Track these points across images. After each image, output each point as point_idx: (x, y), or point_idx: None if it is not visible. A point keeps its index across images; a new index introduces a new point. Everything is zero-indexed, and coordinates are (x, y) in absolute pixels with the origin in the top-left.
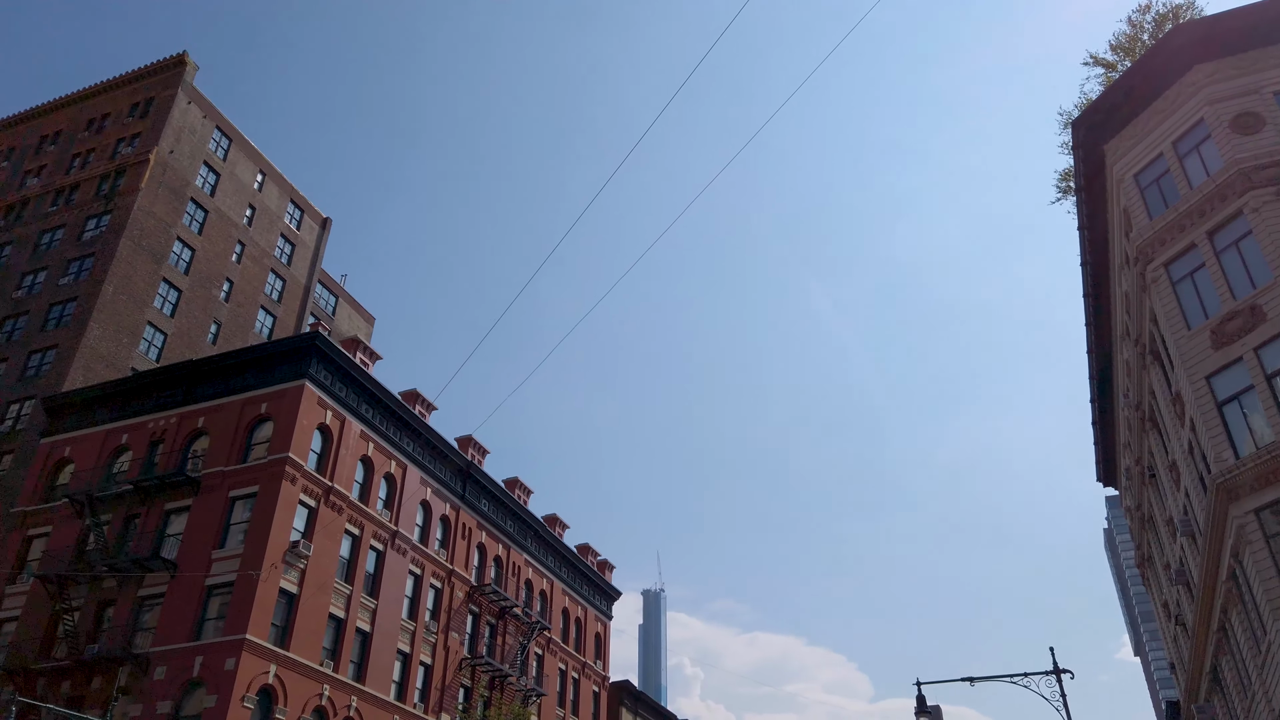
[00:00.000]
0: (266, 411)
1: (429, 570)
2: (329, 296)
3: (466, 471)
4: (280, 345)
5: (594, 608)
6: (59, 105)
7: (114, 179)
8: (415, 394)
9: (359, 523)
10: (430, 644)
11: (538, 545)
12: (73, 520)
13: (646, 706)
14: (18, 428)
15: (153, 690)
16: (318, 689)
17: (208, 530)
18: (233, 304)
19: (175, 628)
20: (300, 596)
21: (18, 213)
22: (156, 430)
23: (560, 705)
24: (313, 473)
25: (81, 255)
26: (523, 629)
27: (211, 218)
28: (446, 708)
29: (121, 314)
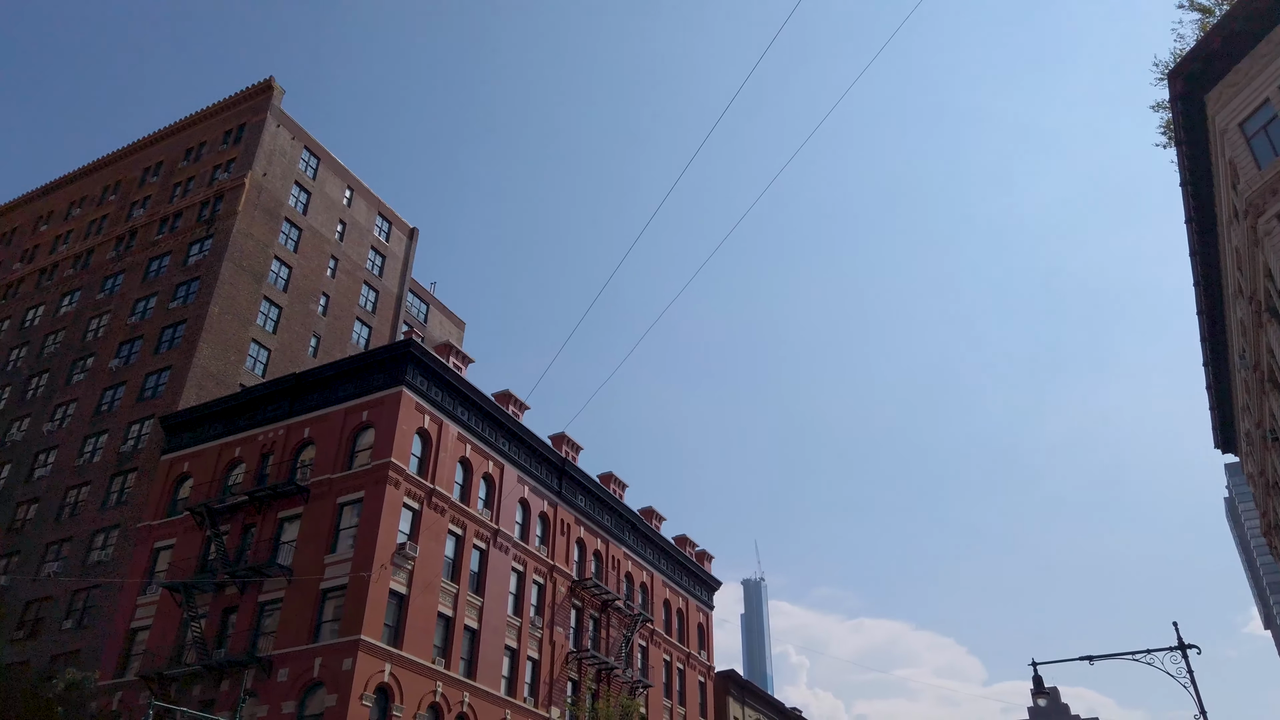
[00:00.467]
0: (367, 419)
1: (531, 567)
2: (420, 304)
3: (561, 468)
4: (376, 354)
5: (695, 598)
6: (159, 138)
7: (213, 204)
8: (508, 394)
9: (461, 523)
10: (536, 639)
11: (635, 538)
12: (194, 531)
13: (753, 695)
14: (139, 447)
15: (277, 691)
16: (431, 686)
17: (319, 536)
18: (330, 317)
19: (295, 631)
20: (409, 596)
21: (127, 243)
22: (266, 442)
23: (667, 696)
24: (415, 476)
25: (188, 279)
26: (625, 621)
27: (305, 235)
28: (556, 701)
29: (228, 333)
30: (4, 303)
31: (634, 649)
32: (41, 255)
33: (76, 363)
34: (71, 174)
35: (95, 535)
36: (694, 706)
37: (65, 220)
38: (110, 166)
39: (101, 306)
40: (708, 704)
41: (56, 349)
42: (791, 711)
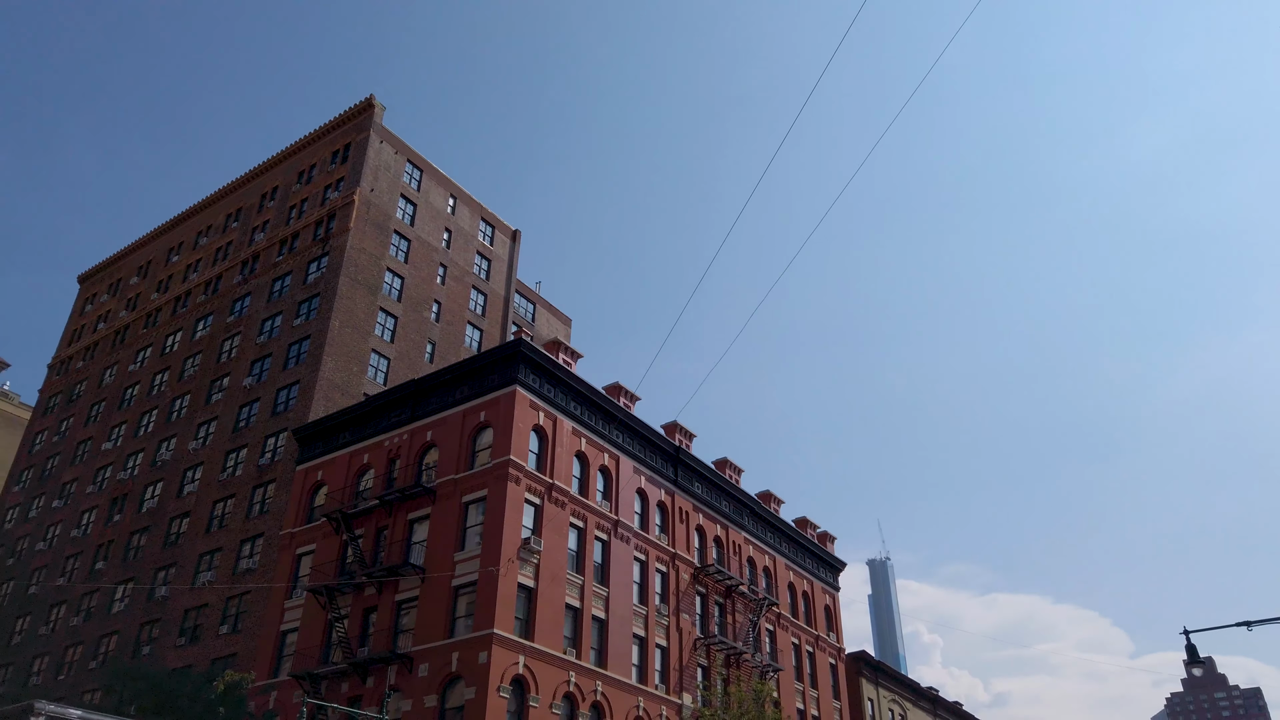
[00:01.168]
0: (485, 419)
1: (653, 555)
2: (527, 304)
3: (676, 457)
4: (488, 356)
5: (820, 580)
6: (272, 164)
7: (326, 223)
8: (618, 387)
9: (582, 515)
10: (663, 626)
11: (755, 523)
12: (332, 536)
13: (887, 676)
14: (276, 459)
15: (419, 686)
16: (564, 676)
17: (448, 534)
18: (443, 323)
19: (431, 627)
20: (537, 590)
21: (251, 266)
22: (392, 447)
23: (798, 679)
24: (534, 472)
25: (309, 296)
26: (751, 606)
27: (414, 246)
28: (687, 688)
29: (349, 345)
30: (145, 331)
31: (761, 633)
32: (175, 284)
33: (214, 383)
34: (196, 205)
35: (243, 544)
36: (826, 689)
37: (194, 250)
38: (231, 195)
39: (232, 328)
40: (840, 686)
41: (195, 371)
42: (927, 691)
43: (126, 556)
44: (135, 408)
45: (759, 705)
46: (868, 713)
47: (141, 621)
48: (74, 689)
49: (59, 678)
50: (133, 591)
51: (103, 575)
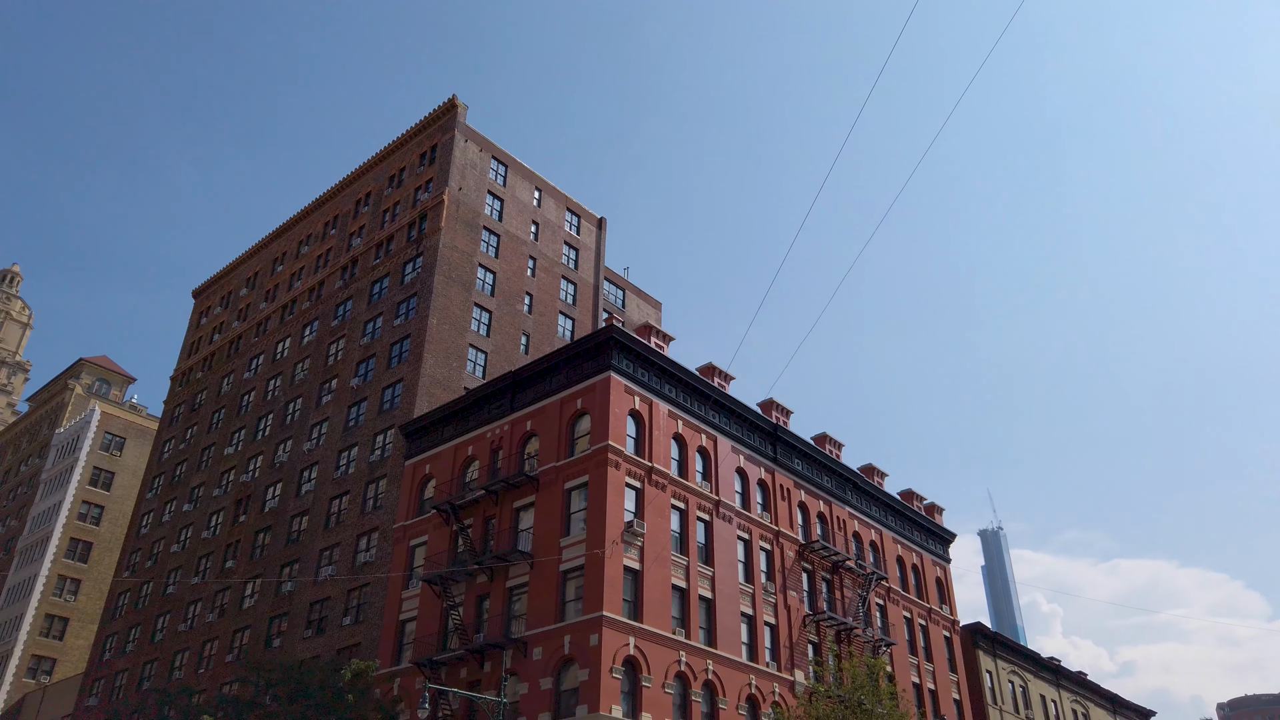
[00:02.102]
0: (582, 406)
1: (756, 534)
2: (616, 291)
3: (774, 434)
4: (582, 344)
5: (929, 552)
6: (364, 170)
7: (419, 224)
8: (712, 367)
9: (683, 497)
10: (771, 604)
11: (859, 497)
12: (443, 527)
13: (1004, 647)
14: (385, 455)
15: (534, 669)
16: (675, 656)
17: (552, 521)
18: (535, 314)
19: (542, 611)
20: (643, 572)
21: (351, 271)
22: (494, 439)
23: (912, 653)
24: (632, 456)
25: (406, 296)
26: (859, 581)
27: (504, 240)
28: (798, 664)
29: (447, 342)
30: (257, 339)
31: (871, 608)
32: (281, 293)
33: (323, 385)
34: (296, 215)
35: (359, 539)
36: (941, 662)
37: (297, 258)
38: (327, 203)
39: (337, 332)
40: (956, 659)
41: (305, 375)
42: (1049, 661)
43: (253, 554)
44: (252, 413)
45: (873, 680)
46: (986, 685)
47: (270, 615)
48: (213, 681)
49: (199, 670)
50: (261, 587)
51: (232, 573)
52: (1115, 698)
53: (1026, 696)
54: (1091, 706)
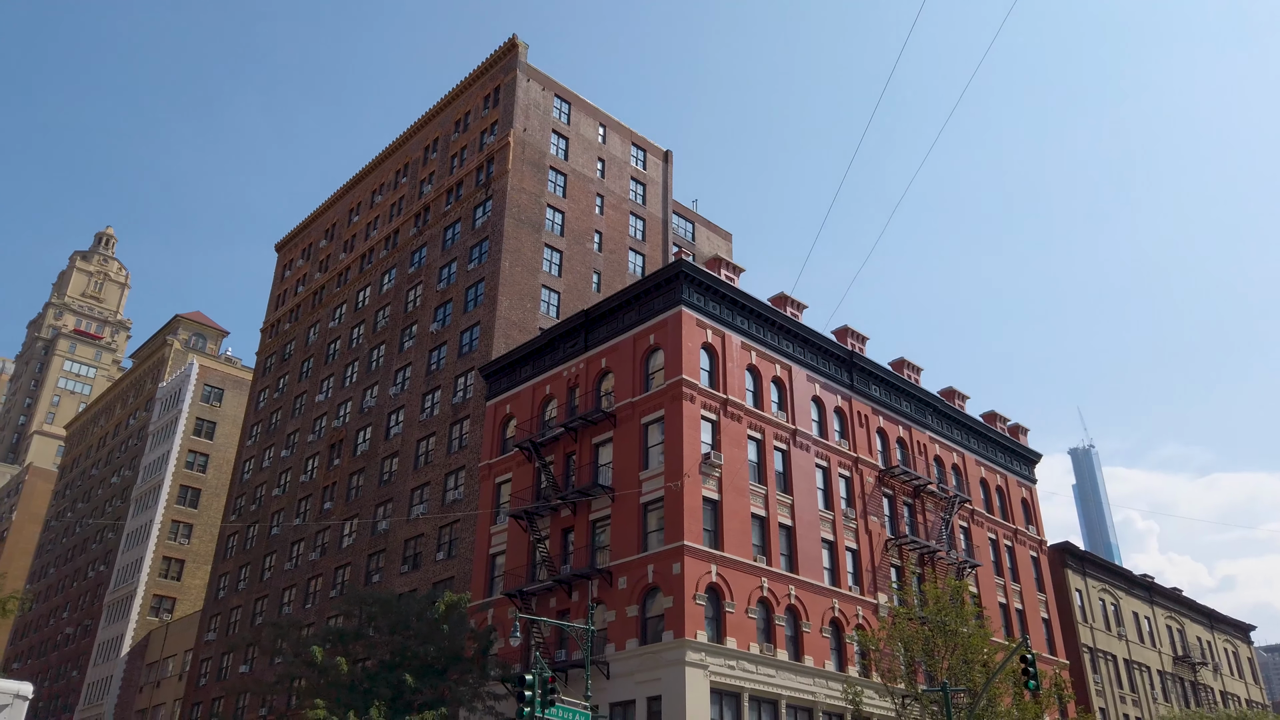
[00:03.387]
0: (655, 342)
1: (834, 461)
2: (685, 224)
3: (850, 361)
4: (650, 280)
5: (1013, 474)
6: (430, 117)
7: (486, 168)
8: (784, 297)
9: (759, 427)
10: (852, 530)
11: (939, 421)
12: (525, 465)
13: (1094, 565)
14: (467, 397)
15: (619, 598)
16: (757, 582)
17: (631, 455)
18: (605, 252)
19: (625, 542)
20: (722, 502)
21: (423, 217)
22: (570, 377)
23: (997, 574)
24: (707, 389)
25: (478, 241)
26: (941, 505)
27: (570, 180)
28: (881, 587)
29: (520, 283)
30: (338, 290)
31: (954, 531)
32: (359, 242)
33: (404, 331)
34: (368, 165)
35: (447, 477)
36: (1028, 582)
37: (371, 208)
38: (397, 151)
39: (414, 279)
40: (1043, 579)
41: (386, 322)
42: (1141, 578)
43: (349, 496)
44: (339, 361)
45: (957, 601)
46: (1075, 604)
47: (368, 553)
48: (320, 615)
49: (306, 606)
50: (358, 527)
51: (331, 514)
52: (1212, 613)
53: (1118, 614)
54: (1187, 622)
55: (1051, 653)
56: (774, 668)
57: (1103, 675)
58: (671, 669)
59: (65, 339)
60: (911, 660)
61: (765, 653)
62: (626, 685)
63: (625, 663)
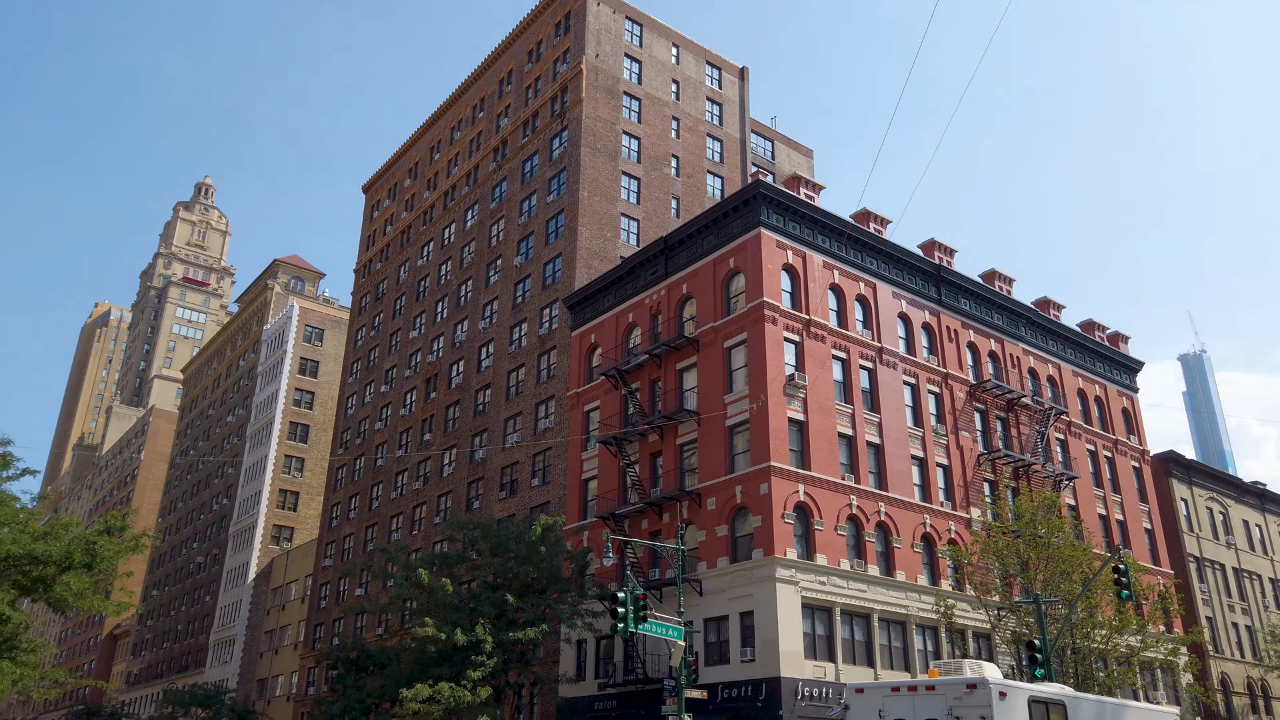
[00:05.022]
0: (735, 265)
1: (923, 378)
2: (764, 142)
3: (938, 275)
4: (729, 203)
5: (1113, 383)
6: (503, 49)
7: (560, 97)
8: (867, 213)
9: (843, 347)
10: (942, 446)
11: (1033, 332)
12: (612, 392)
13: (1202, 474)
14: (553, 327)
15: (709, 518)
16: (845, 500)
17: (715, 379)
18: (683, 177)
19: (713, 465)
20: (807, 422)
21: (501, 151)
22: (652, 304)
23: (1096, 486)
24: (789, 310)
25: (556, 172)
26: (1036, 417)
27: (645, 105)
28: (973, 502)
29: (599, 212)
30: (425, 228)
31: (1050, 443)
32: (441, 180)
33: (489, 266)
34: (446, 102)
35: (538, 406)
36: (1130, 493)
37: (451, 144)
38: (473, 86)
39: (496, 213)
40: (1146, 489)
41: (472, 257)
42: (1252, 485)
43: (446, 427)
44: (429, 297)
45: (1052, 513)
46: (1181, 513)
47: (468, 480)
48: (425, 540)
49: (412, 532)
50: (456, 456)
51: (430, 445)
52: None
53: (1227, 522)
54: None
55: (1155, 564)
56: (865, 583)
57: (1210, 585)
58: (762, 585)
59: (175, 287)
60: (1006, 574)
61: (856, 568)
62: (719, 601)
63: (717, 580)
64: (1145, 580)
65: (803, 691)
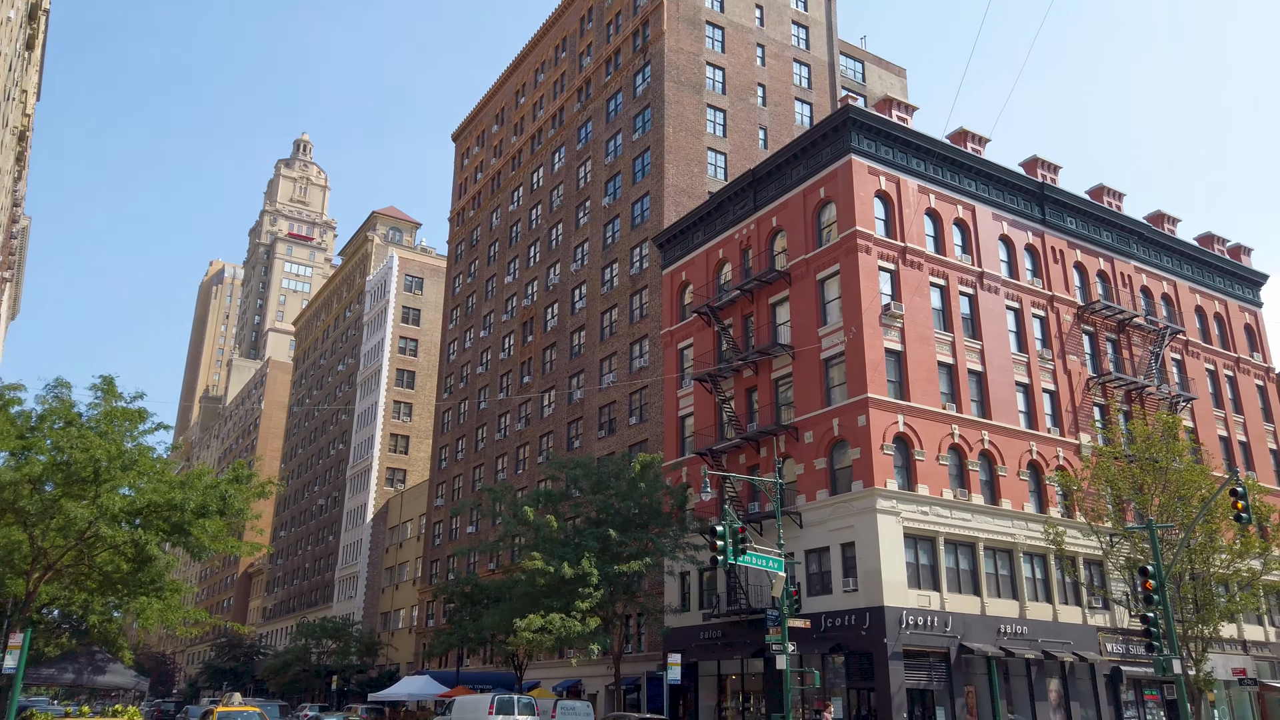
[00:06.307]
0: (825, 195)
1: (1027, 301)
2: (854, 64)
3: (1041, 193)
4: (817, 131)
5: (1235, 298)
6: None
7: (642, 31)
8: (964, 132)
9: (941, 273)
10: (1048, 371)
11: (1145, 248)
12: (705, 329)
13: None
14: (644, 267)
15: (806, 452)
16: (947, 429)
17: (808, 312)
18: (770, 106)
19: (808, 398)
20: (905, 352)
21: (585, 91)
22: (742, 239)
23: (1216, 406)
24: (883, 239)
25: (640, 109)
26: (1150, 338)
27: (728, 33)
28: (1083, 428)
29: (685, 148)
30: (514, 173)
31: (1166, 364)
32: (528, 124)
33: (578, 208)
34: (528, 44)
35: (632, 346)
36: (1254, 413)
37: (535, 88)
38: (555, 26)
39: (583, 154)
40: (1271, 409)
41: (561, 201)
42: None
43: (544, 369)
44: (521, 242)
45: (1168, 436)
46: None
47: (567, 421)
48: (530, 479)
49: (517, 471)
50: (555, 397)
51: (530, 387)
52: None
53: None
54: None
55: None
56: (969, 512)
57: None
58: (863, 517)
59: (282, 242)
60: (1119, 499)
61: (959, 498)
62: (819, 533)
63: (816, 512)
64: (1270, 503)
65: (907, 620)
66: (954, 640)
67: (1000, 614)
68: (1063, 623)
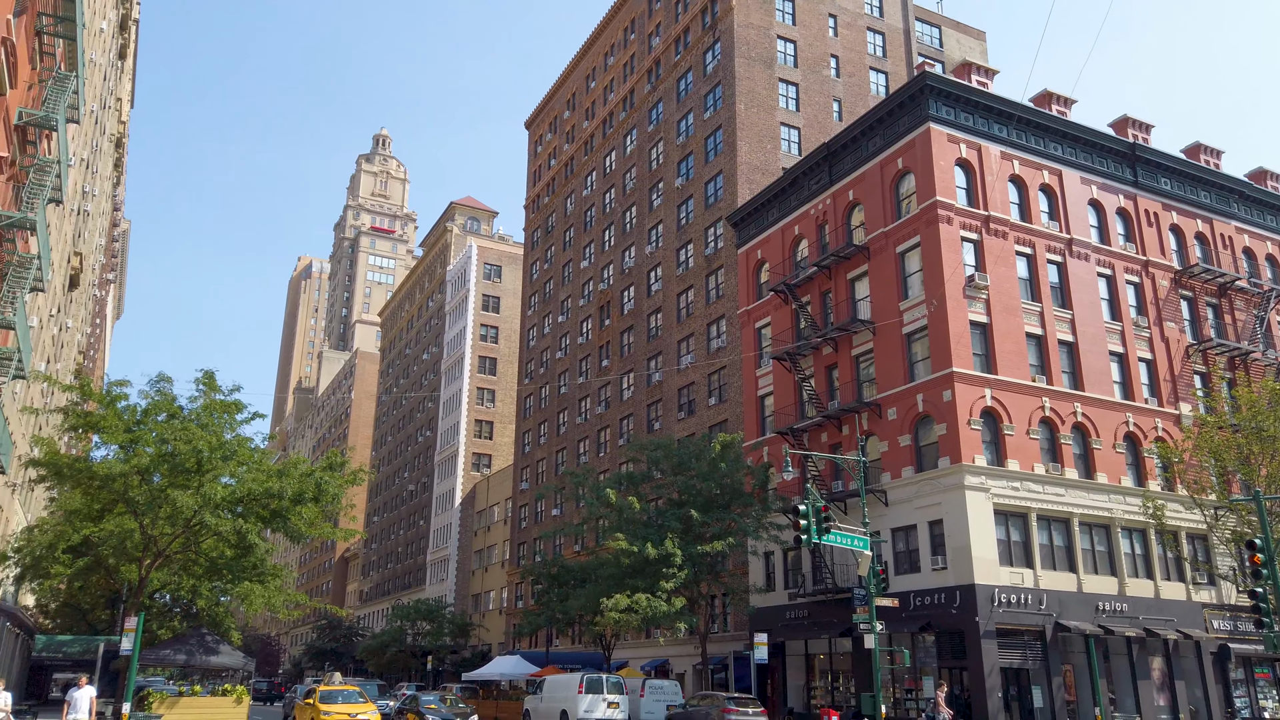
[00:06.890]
0: (903, 166)
1: (1119, 268)
2: (930, 30)
3: (1132, 155)
4: (893, 100)
5: None
6: None
7: (711, 7)
8: (1047, 94)
9: (1027, 241)
10: (1145, 339)
11: (1247, 207)
12: (783, 307)
13: None
14: (719, 247)
15: (890, 429)
16: (1038, 402)
17: (888, 286)
18: (844, 77)
19: (891, 374)
20: (991, 324)
21: (655, 72)
22: (818, 214)
23: None
24: (964, 208)
25: (711, 87)
26: (1254, 301)
27: (799, 4)
28: (1183, 397)
29: (758, 124)
30: (586, 158)
31: (1271, 328)
32: (599, 108)
33: (651, 190)
34: (596, 28)
35: (709, 326)
36: None
37: (605, 71)
38: (622, 9)
39: (654, 136)
40: None
41: (634, 183)
42: None
43: (622, 352)
44: (596, 226)
45: (1276, 404)
46: None
47: (647, 403)
48: (611, 461)
49: (599, 454)
50: (634, 380)
51: (608, 370)
52: None
53: None
54: None
55: None
56: (1063, 486)
57: None
58: (951, 494)
59: (365, 236)
60: (1224, 470)
61: (1051, 472)
62: (905, 511)
63: (902, 490)
64: None
65: (999, 598)
66: (1049, 618)
67: (1098, 591)
68: (1165, 599)
